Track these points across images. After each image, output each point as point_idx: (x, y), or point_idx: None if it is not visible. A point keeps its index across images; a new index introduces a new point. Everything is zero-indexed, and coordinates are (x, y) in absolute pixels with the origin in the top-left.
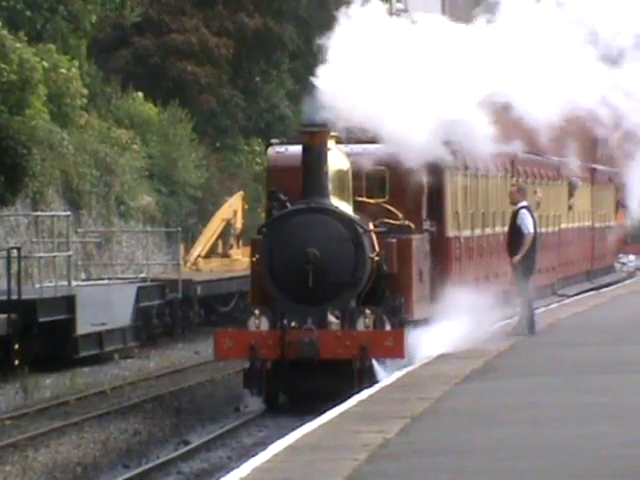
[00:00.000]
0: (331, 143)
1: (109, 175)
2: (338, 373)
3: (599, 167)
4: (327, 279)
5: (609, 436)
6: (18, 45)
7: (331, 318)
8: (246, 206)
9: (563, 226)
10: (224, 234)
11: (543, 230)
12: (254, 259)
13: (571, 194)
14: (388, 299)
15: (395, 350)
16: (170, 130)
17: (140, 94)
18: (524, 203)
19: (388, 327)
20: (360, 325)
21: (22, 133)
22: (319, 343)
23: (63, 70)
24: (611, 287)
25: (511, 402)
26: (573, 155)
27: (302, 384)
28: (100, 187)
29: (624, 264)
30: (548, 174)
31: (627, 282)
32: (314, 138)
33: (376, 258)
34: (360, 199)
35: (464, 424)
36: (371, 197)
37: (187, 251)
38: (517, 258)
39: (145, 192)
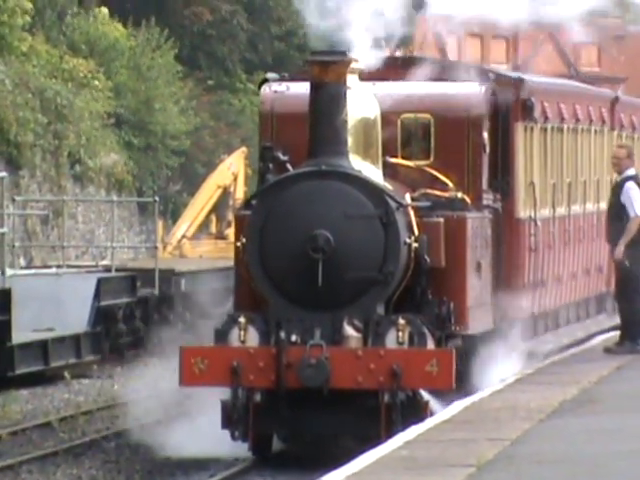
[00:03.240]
0: (352, 79)
1: (60, 122)
2: (357, 409)
3: None
4: (344, 274)
5: None
6: None
7: (349, 330)
8: (250, 168)
9: None
10: (219, 207)
11: None
12: (239, 244)
13: None
14: (431, 304)
15: (439, 377)
16: (144, 60)
17: (104, 10)
18: (632, 172)
19: (431, 344)
20: (390, 341)
21: None
22: (330, 366)
23: None
24: None
25: (616, 447)
26: None
27: (305, 425)
28: (47, 139)
29: None
30: None
31: None
32: (327, 71)
33: (415, 245)
34: (393, 160)
35: (550, 476)
36: (409, 158)
37: (167, 230)
38: (620, 248)
39: (110, 147)
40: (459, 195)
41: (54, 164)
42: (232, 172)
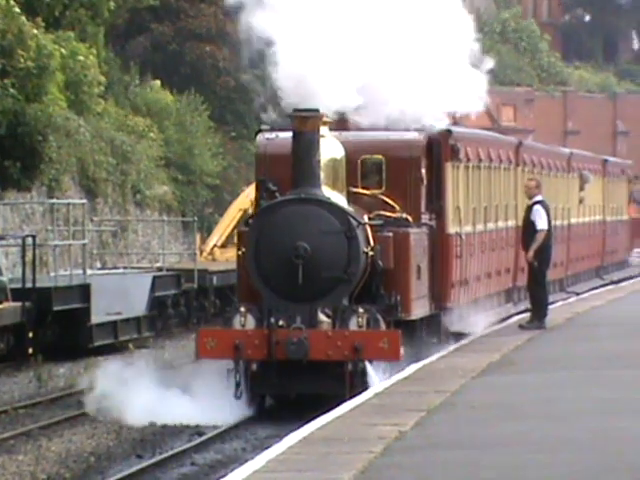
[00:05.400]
0: (324, 129)
1: (125, 163)
2: (329, 375)
3: (611, 159)
4: (318, 275)
5: (626, 430)
6: (36, 32)
7: (322, 317)
8: None
9: (573, 220)
10: (241, 224)
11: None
12: (240, 252)
13: (582, 187)
14: (383, 297)
15: (390, 352)
16: (187, 118)
17: (157, 82)
18: (539, 198)
19: (383, 327)
20: (353, 324)
21: (38, 120)
22: (308, 343)
23: (81, 58)
24: (627, 282)
25: (528, 396)
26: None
27: (290, 387)
28: (116, 175)
29: None
30: (557, 165)
31: None
32: (305, 124)
33: (371, 253)
34: (354, 190)
35: (480, 418)
36: (366, 188)
37: (203, 241)
38: (530, 254)
39: (161, 181)
40: (404, 216)
41: (121, 193)
42: (250, 199)
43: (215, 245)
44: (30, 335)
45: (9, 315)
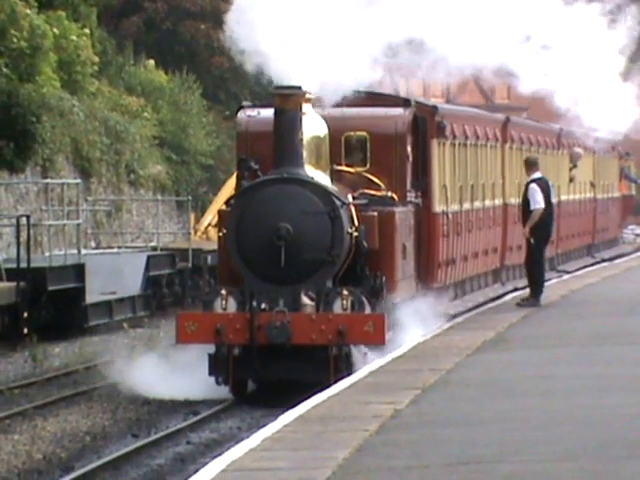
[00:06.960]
0: (307, 106)
1: (119, 143)
2: (312, 360)
3: (602, 135)
4: (301, 256)
5: (621, 407)
6: (28, 12)
7: (305, 300)
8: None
9: (563, 198)
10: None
11: None
12: (221, 234)
13: (574, 165)
14: (368, 278)
15: (375, 336)
16: (181, 97)
17: (151, 61)
18: (535, 175)
19: (368, 310)
20: (337, 307)
21: (32, 100)
22: (291, 327)
23: (74, 38)
24: (620, 260)
25: (523, 373)
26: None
27: (273, 372)
28: (110, 155)
29: (638, 235)
30: (547, 142)
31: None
32: (287, 101)
33: (355, 233)
34: (338, 168)
35: (475, 395)
36: (350, 165)
37: (197, 220)
38: (525, 231)
39: (155, 160)
40: (389, 194)
41: (115, 173)
42: None
43: (209, 224)
44: (25, 315)
45: (4, 295)
